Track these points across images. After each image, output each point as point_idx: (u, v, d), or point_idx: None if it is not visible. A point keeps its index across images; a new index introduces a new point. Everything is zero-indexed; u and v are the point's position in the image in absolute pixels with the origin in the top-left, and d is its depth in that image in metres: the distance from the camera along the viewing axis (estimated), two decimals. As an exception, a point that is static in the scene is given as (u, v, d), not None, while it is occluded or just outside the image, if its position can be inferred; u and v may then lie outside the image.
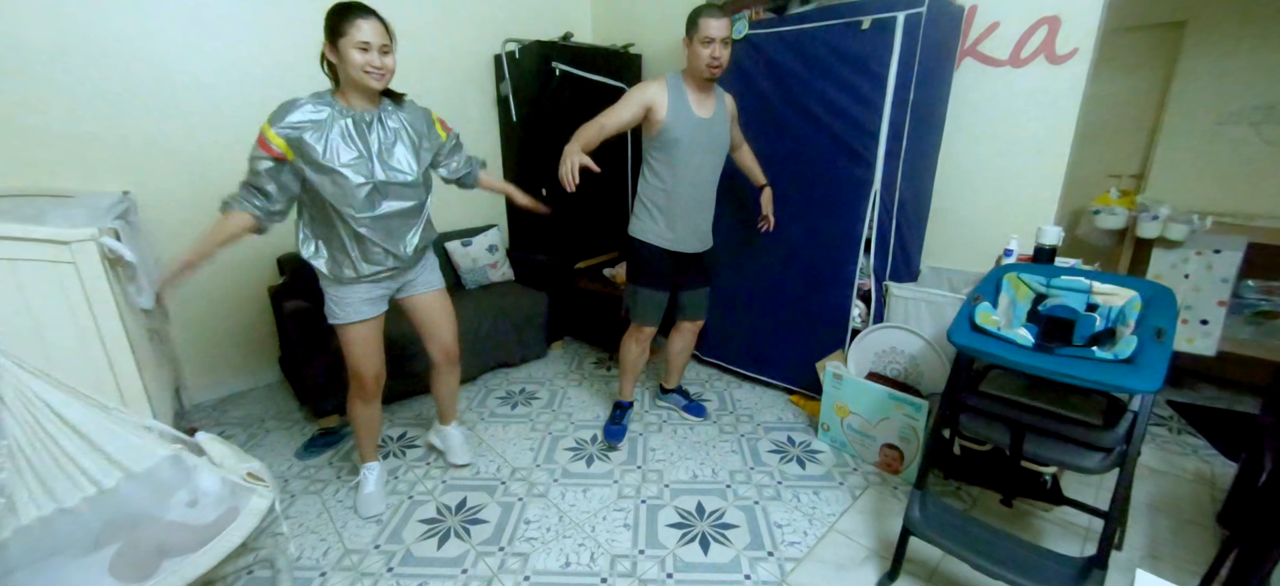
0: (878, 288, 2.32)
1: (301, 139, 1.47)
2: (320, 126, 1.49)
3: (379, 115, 1.59)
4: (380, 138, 1.59)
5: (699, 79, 1.94)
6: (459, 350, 2.01)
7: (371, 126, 1.57)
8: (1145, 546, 1.75)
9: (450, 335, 1.96)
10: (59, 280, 1.49)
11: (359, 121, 1.55)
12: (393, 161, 1.61)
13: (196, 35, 2.42)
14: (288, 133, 1.46)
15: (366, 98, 1.56)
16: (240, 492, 1.41)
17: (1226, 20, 2.88)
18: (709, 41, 1.85)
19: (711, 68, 1.88)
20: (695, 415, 2.54)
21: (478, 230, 3.26)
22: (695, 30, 1.88)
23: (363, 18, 1.46)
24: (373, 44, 1.47)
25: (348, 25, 1.45)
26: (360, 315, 1.71)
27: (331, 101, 1.53)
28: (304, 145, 1.47)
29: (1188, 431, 2.39)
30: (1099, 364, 1.21)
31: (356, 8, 1.47)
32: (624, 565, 1.71)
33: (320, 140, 1.49)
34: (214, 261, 1.61)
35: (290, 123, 1.47)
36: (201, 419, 2.59)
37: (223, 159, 2.50)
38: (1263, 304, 2.57)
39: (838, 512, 1.92)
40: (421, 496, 2.03)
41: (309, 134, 1.48)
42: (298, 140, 1.47)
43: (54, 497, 1.26)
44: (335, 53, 1.49)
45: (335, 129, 1.51)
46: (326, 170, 1.50)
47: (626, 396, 2.43)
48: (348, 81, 1.52)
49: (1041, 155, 2.19)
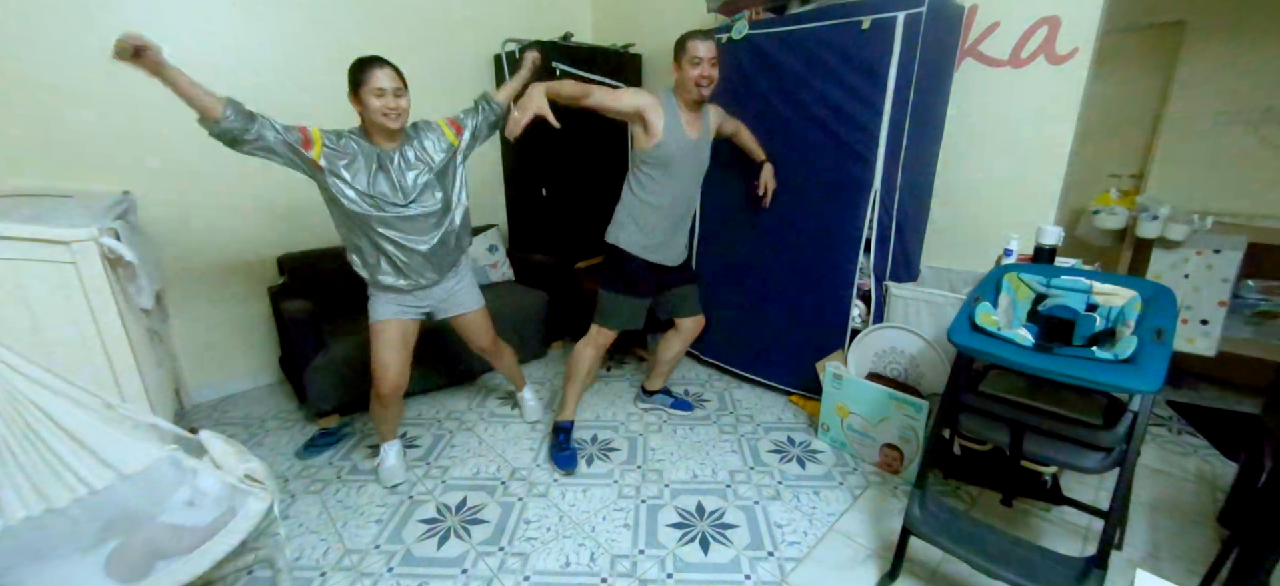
0: (878, 288, 2.32)
1: (335, 156, 1.69)
2: (354, 153, 1.72)
3: (401, 149, 1.79)
4: (400, 166, 1.78)
5: (689, 100, 1.97)
6: (495, 343, 2.27)
7: (393, 158, 1.77)
8: (1145, 546, 1.74)
9: (486, 341, 2.23)
10: (59, 280, 1.49)
11: (382, 157, 1.75)
12: (407, 184, 1.79)
13: (197, 35, 2.42)
14: (330, 147, 1.68)
15: (388, 137, 1.76)
16: (238, 494, 1.41)
17: (1226, 20, 2.88)
18: (698, 62, 1.90)
19: (700, 87, 1.92)
20: (684, 410, 2.56)
21: (478, 230, 3.26)
22: (683, 52, 1.92)
23: (377, 68, 1.66)
24: (387, 89, 1.66)
25: (365, 75, 1.65)
26: (388, 315, 1.90)
27: (364, 141, 1.75)
28: (335, 158, 1.69)
29: (1188, 431, 2.39)
30: (1099, 364, 1.21)
31: (372, 61, 1.68)
32: (624, 565, 1.71)
33: (347, 160, 1.71)
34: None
35: (335, 142, 1.70)
36: (201, 419, 2.59)
37: (223, 159, 2.50)
38: (1263, 304, 2.57)
39: (838, 512, 1.92)
40: (421, 496, 2.03)
41: (343, 155, 1.70)
42: (332, 156, 1.69)
43: (43, 497, 1.26)
44: (358, 102, 1.70)
45: (361, 156, 1.73)
46: (347, 182, 1.71)
47: (569, 415, 2.26)
48: (371, 125, 1.73)
49: (1041, 155, 2.19)
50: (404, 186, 1.77)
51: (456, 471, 2.17)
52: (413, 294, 1.93)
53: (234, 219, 2.66)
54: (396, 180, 1.76)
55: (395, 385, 1.93)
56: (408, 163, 1.79)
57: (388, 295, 1.90)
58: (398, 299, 1.91)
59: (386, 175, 1.75)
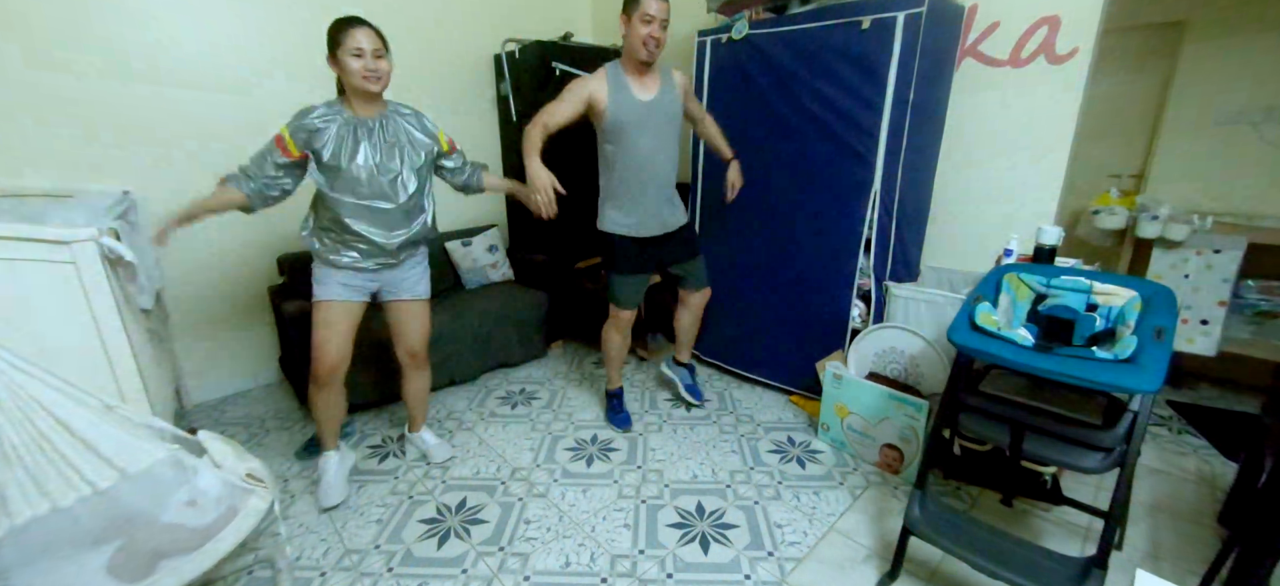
0: (878, 288, 2.32)
1: (311, 138, 1.65)
2: (328, 128, 1.66)
3: (381, 121, 1.73)
4: (380, 141, 1.73)
5: (636, 61, 1.93)
6: (423, 350, 2.08)
7: (373, 131, 1.72)
8: (1145, 546, 1.74)
9: (418, 340, 2.04)
10: (59, 280, 1.49)
11: (361, 126, 1.70)
12: (387, 162, 1.74)
13: (197, 35, 2.42)
14: (302, 135, 1.64)
15: (369, 103, 1.71)
16: (239, 493, 1.41)
17: (1226, 20, 2.88)
18: (649, 21, 1.85)
19: (647, 47, 1.87)
20: (693, 396, 2.58)
21: (478, 230, 3.26)
22: (635, 8, 1.86)
23: (355, 27, 1.61)
24: (366, 50, 1.61)
25: (343, 35, 1.60)
26: (334, 294, 1.82)
27: (340, 109, 1.69)
28: (313, 144, 1.65)
29: (1188, 431, 2.39)
30: (1099, 364, 1.21)
31: (349, 20, 1.62)
32: (624, 565, 1.71)
33: (326, 140, 1.65)
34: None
35: (303, 124, 1.64)
36: (201, 419, 2.59)
37: (222, 158, 2.50)
38: (1263, 304, 2.57)
39: (838, 512, 1.92)
40: (421, 496, 2.03)
41: (319, 134, 1.65)
42: (307, 140, 1.64)
43: (49, 498, 1.26)
44: (336, 64, 1.64)
45: (341, 131, 1.67)
46: (327, 168, 1.68)
47: (615, 383, 2.47)
48: (351, 89, 1.67)
49: (1041, 155, 2.19)
50: (384, 161, 1.72)
51: (456, 471, 2.17)
52: (361, 275, 1.84)
53: (234, 218, 2.62)
54: (378, 150, 1.70)
55: (333, 366, 1.84)
56: (387, 136, 1.73)
57: (336, 273, 1.81)
58: (346, 278, 1.82)
59: (368, 143, 1.69)
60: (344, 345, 1.86)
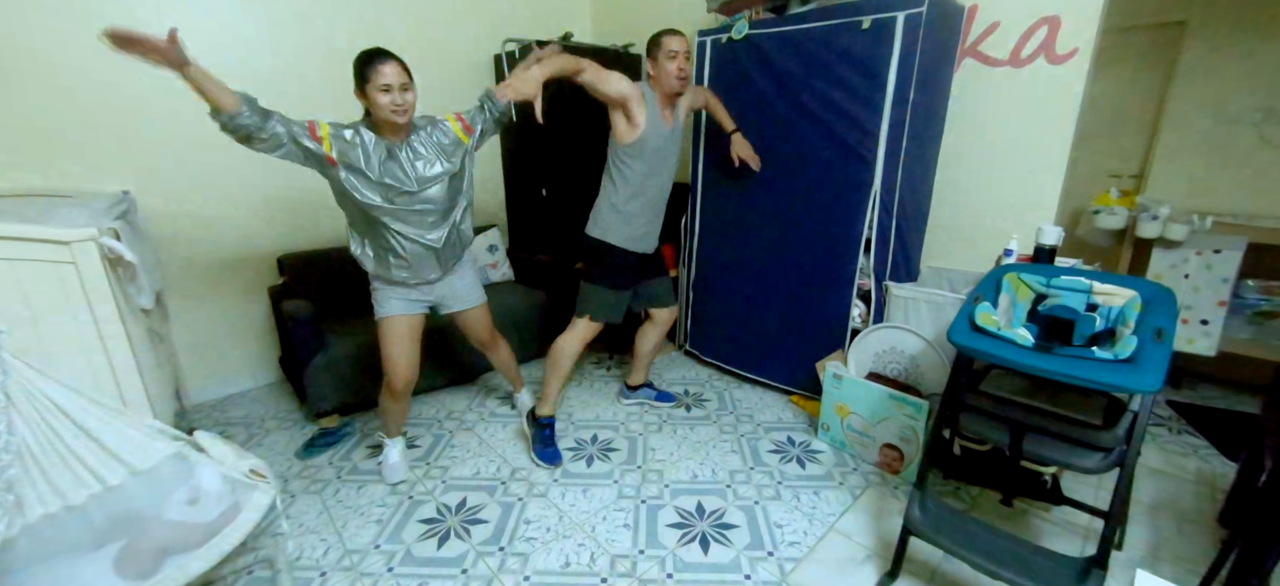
0: (878, 288, 2.32)
1: (345, 149, 1.68)
2: (356, 148, 1.70)
3: (408, 140, 1.78)
4: (409, 157, 1.77)
5: (667, 94, 2.03)
6: (494, 337, 2.28)
7: (401, 149, 1.76)
8: (1145, 546, 1.75)
9: (485, 333, 2.24)
10: (59, 280, 1.49)
11: (391, 147, 1.75)
12: (418, 174, 1.78)
13: (197, 35, 2.42)
14: (338, 142, 1.67)
15: (395, 131, 1.74)
16: (242, 489, 1.41)
17: (1226, 20, 2.88)
18: (674, 55, 1.97)
19: (680, 79, 1.98)
20: (666, 402, 2.61)
21: (478, 230, 3.26)
22: (658, 49, 1.99)
23: (382, 63, 1.64)
24: (394, 85, 1.65)
25: (371, 71, 1.63)
26: (394, 310, 1.91)
27: (366, 131, 1.73)
28: (346, 153, 1.68)
29: (1188, 431, 2.39)
30: (1099, 364, 1.21)
31: (377, 55, 1.65)
32: (624, 565, 1.71)
33: (358, 152, 1.70)
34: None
35: (340, 134, 1.68)
36: (201, 419, 2.59)
37: (222, 158, 2.50)
38: (1263, 304, 2.57)
39: (838, 512, 1.92)
40: (421, 496, 2.03)
41: (351, 147, 1.69)
42: (342, 150, 1.68)
43: (61, 495, 1.26)
44: (364, 97, 1.68)
45: (369, 147, 1.71)
46: (360, 172, 1.70)
47: (551, 410, 2.24)
48: (378, 120, 1.71)
49: (1041, 155, 2.19)
50: (414, 175, 1.76)
51: (456, 471, 2.17)
52: (417, 288, 1.93)
53: (234, 218, 2.66)
54: (406, 169, 1.76)
55: (407, 379, 1.95)
56: (415, 152, 1.78)
57: (393, 290, 1.90)
58: (403, 293, 1.91)
59: (397, 162, 1.75)
60: (413, 357, 1.96)
